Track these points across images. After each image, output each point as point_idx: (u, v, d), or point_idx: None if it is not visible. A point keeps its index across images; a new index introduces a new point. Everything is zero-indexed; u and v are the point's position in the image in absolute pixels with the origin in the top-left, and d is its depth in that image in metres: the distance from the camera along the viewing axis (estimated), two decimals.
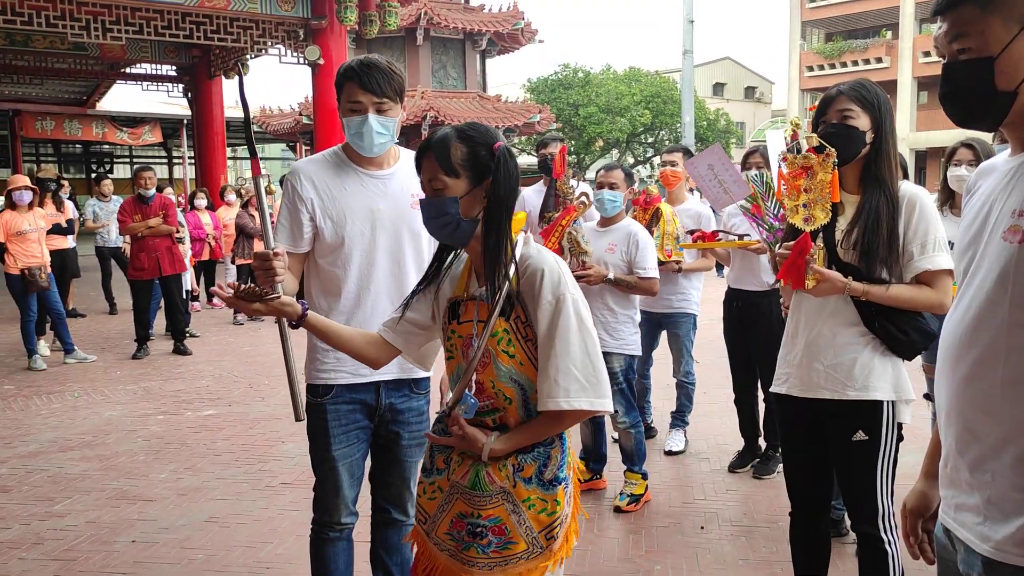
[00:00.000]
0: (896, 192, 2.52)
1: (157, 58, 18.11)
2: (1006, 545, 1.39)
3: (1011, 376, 1.39)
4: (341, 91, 2.53)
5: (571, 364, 1.84)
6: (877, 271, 2.50)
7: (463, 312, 1.98)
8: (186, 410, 6.34)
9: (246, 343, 9.20)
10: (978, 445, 1.44)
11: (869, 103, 2.52)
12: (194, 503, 4.38)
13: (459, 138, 1.91)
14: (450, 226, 1.92)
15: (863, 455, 2.58)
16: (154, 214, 8.29)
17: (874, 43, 36.54)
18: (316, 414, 2.64)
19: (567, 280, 1.90)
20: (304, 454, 5.00)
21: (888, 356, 2.58)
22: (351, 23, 13.93)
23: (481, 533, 1.90)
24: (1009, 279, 1.38)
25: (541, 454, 1.91)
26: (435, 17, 23.20)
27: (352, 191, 2.57)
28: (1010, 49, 1.39)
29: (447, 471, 1.98)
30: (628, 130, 33.64)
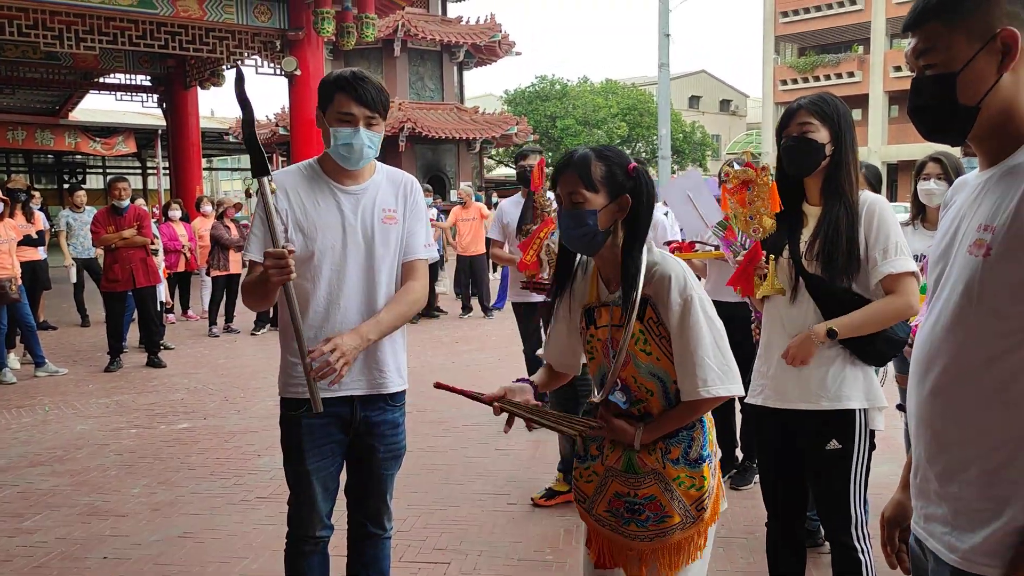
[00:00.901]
0: (855, 202, 2.56)
1: (131, 68, 18.00)
2: (973, 555, 1.41)
3: (976, 389, 1.41)
4: (330, 100, 2.51)
5: (705, 356, 2.04)
6: (839, 280, 2.54)
7: (598, 317, 2.18)
8: (160, 423, 6.26)
9: (221, 355, 9.12)
10: (946, 456, 1.47)
11: (828, 116, 2.57)
12: (167, 518, 4.32)
13: (598, 157, 2.09)
14: (587, 236, 2.09)
15: (836, 464, 2.60)
16: (128, 225, 8.21)
17: (846, 58, 37.06)
18: (291, 428, 2.62)
19: (692, 282, 2.09)
20: (279, 467, 4.96)
21: (858, 364, 2.62)
22: (328, 34, 13.94)
23: (639, 510, 2.13)
24: (974, 292, 1.41)
25: (685, 437, 2.12)
26: (412, 29, 23.23)
27: (325, 205, 2.55)
28: (972, 65, 1.41)
29: (600, 457, 2.20)
30: (605, 142, 33.82)
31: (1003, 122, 1.43)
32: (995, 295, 1.38)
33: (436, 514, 4.28)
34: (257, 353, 9.30)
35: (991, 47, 1.40)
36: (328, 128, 2.51)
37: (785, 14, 38.06)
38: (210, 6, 13.14)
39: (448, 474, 4.92)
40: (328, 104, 2.51)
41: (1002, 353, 1.38)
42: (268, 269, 2.30)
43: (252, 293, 2.53)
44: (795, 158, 2.58)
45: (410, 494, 4.44)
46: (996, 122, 1.43)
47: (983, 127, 1.44)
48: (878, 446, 2.85)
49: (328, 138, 2.52)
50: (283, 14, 13.97)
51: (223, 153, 33.77)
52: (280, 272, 2.28)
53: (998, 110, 1.42)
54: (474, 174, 25.64)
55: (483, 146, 25.94)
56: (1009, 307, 1.36)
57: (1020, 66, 1.41)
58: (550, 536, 4.01)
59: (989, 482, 1.40)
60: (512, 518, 4.25)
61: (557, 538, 3.99)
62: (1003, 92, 1.41)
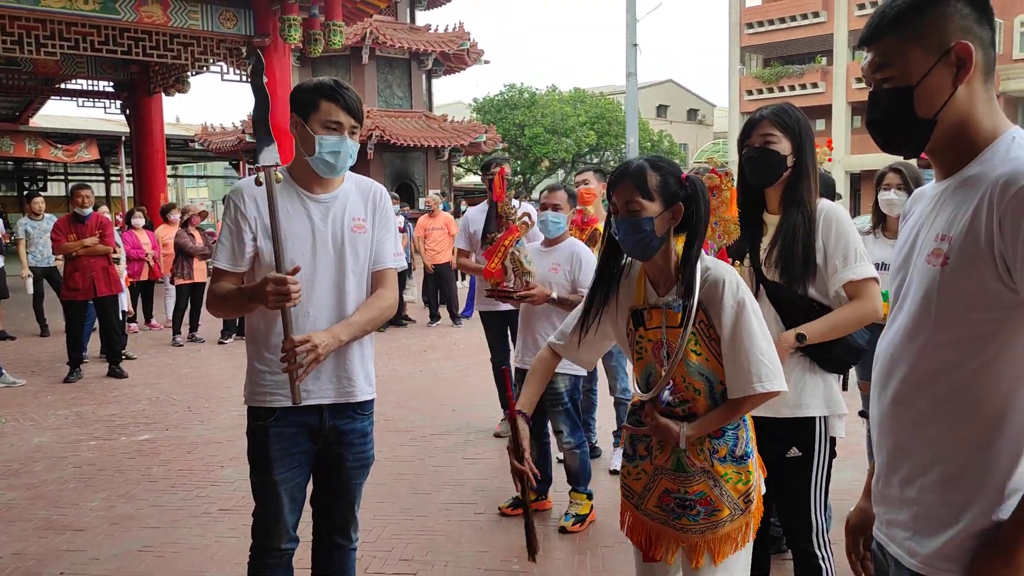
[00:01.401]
0: (813, 211, 2.60)
1: (94, 74, 17.74)
2: (932, 560, 1.44)
3: (936, 395, 1.44)
4: (314, 108, 2.49)
5: (760, 355, 2.14)
6: (797, 287, 2.57)
7: (648, 320, 2.25)
8: (120, 435, 6.15)
9: (185, 365, 8.99)
10: (907, 463, 1.49)
11: (790, 128, 2.60)
12: (127, 532, 4.24)
13: (652, 167, 2.19)
14: (644, 241, 2.18)
15: (797, 471, 2.62)
16: (90, 233, 8.07)
17: (809, 69, 37.57)
18: (258, 437, 2.58)
19: (743, 286, 2.20)
20: (244, 479, 4.89)
21: (818, 372, 2.64)
22: (295, 41, 13.84)
23: (690, 505, 2.23)
24: (932, 301, 1.44)
25: (731, 437, 2.22)
26: (381, 37, 23.16)
27: (294, 213, 2.53)
28: (928, 78, 1.44)
29: (649, 457, 2.29)
30: (574, 150, 33.96)
31: (958, 134, 1.46)
32: (952, 304, 1.41)
33: (402, 524, 4.25)
34: (223, 362, 9.18)
35: (946, 61, 1.43)
36: (312, 136, 2.48)
37: (750, 25, 38.52)
38: (174, 12, 13.00)
39: (415, 483, 4.88)
40: (312, 112, 2.49)
41: (959, 360, 1.41)
42: (269, 295, 2.30)
43: (227, 305, 2.53)
44: (758, 169, 2.62)
45: (376, 504, 4.40)
46: (951, 134, 1.46)
47: (939, 139, 1.47)
48: (840, 453, 2.88)
49: (310, 146, 2.49)
50: (249, 21, 13.86)
51: (189, 160, 33.39)
52: (279, 299, 2.29)
53: (953, 123, 1.45)
54: (443, 182, 25.61)
55: (452, 154, 25.91)
56: (965, 315, 1.39)
57: (974, 79, 1.44)
58: (517, 546, 3.99)
59: (948, 487, 1.43)
60: (479, 528, 4.23)
61: (524, 547, 3.96)
62: (958, 105, 1.44)
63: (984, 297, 1.37)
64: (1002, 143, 1.43)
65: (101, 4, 12.38)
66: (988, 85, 1.47)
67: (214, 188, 48.90)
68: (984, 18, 1.45)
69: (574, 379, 4.19)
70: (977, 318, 1.38)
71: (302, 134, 2.51)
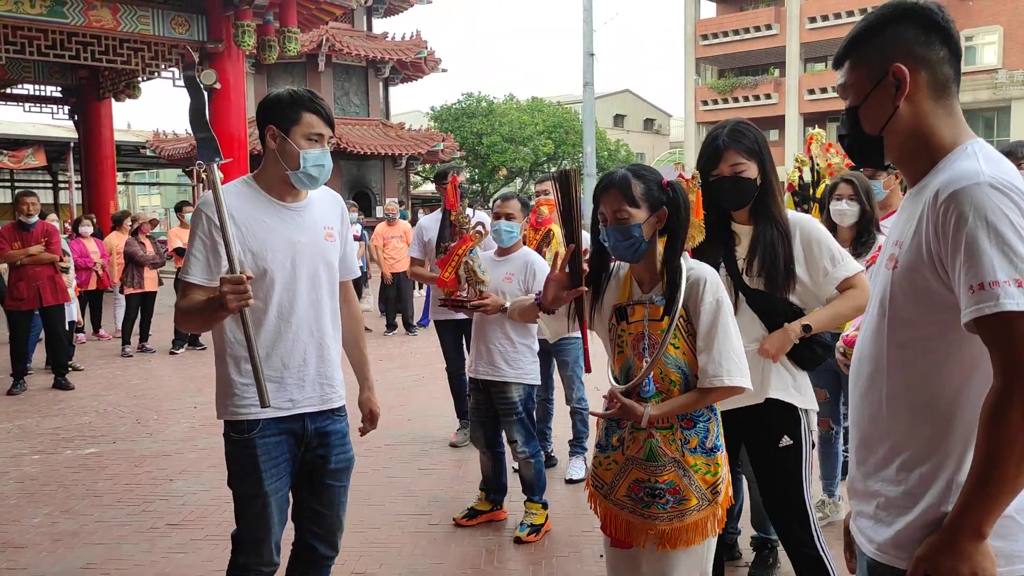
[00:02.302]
0: (786, 223, 2.73)
1: (41, 78, 17.33)
2: (886, 547, 1.54)
3: (892, 392, 1.55)
4: (295, 121, 2.46)
5: (731, 351, 2.30)
6: (780, 294, 2.71)
7: (631, 314, 2.39)
8: (65, 448, 5.98)
9: (135, 376, 8.80)
10: (872, 456, 1.59)
11: (754, 152, 2.71)
12: (70, 549, 4.12)
13: (636, 176, 2.34)
14: (634, 246, 2.33)
15: (789, 460, 2.72)
16: (35, 241, 7.87)
17: (763, 80, 38.24)
18: (244, 451, 2.52)
19: (721, 286, 2.37)
20: (193, 492, 4.82)
21: (795, 369, 2.78)
22: (249, 48, 13.70)
23: (659, 494, 2.34)
24: (886, 303, 1.54)
25: (702, 428, 2.35)
26: (337, 44, 23.04)
27: (271, 223, 2.51)
28: (869, 99, 1.57)
29: (621, 448, 2.41)
30: (531, 159, 34.08)
31: (913, 147, 1.56)
32: (903, 305, 1.51)
33: (355, 536, 4.18)
34: (174, 373, 9.01)
35: (884, 82, 1.54)
36: (296, 150, 2.45)
37: (705, 37, 39.08)
38: (124, 16, 12.77)
39: (369, 495, 4.82)
40: (293, 124, 2.46)
41: (911, 359, 1.51)
42: (226, 296, 2.23)
43: (195, 318, 2.45)
44: (732, 197, 2.73)
45: None
46: (906, 148, 1.57)
47: (896, 152, 1.59)
48: None
49: (293, 160, 2.46)
50: (202, 26, 13.67)
51: (140, 167, 32.79)
52: (239, 298, 2.23)
53: (904, 137, 1.55)
54: (400, 190, 25.50)
55: (409, 162, 25.84)
56: (915, 316, 1.50)
57: (918, 97, 1.53)
58: (472, 556, 3.97)
59: (903, 479, 1.52)
60: (433, 539, 4.19)
61: (479, 558, 3.95)
62: (903, 121, 1.54)
63: (930, 299, 1.47)
64: (955, 154, 1.51)
65: (48, 8, 12.12)
66: (943, 100, 1.54)
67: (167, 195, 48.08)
68: (934, 38, 1.53)
69: (528, 388, 4.19)
70: (926, 319, 1.48)
71: (283, 147, 2.47)
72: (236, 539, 2.62)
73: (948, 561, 1.41)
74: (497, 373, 4.13)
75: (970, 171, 1.42)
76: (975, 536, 1.40)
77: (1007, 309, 1.33)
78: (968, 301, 1.38)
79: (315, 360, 2.57)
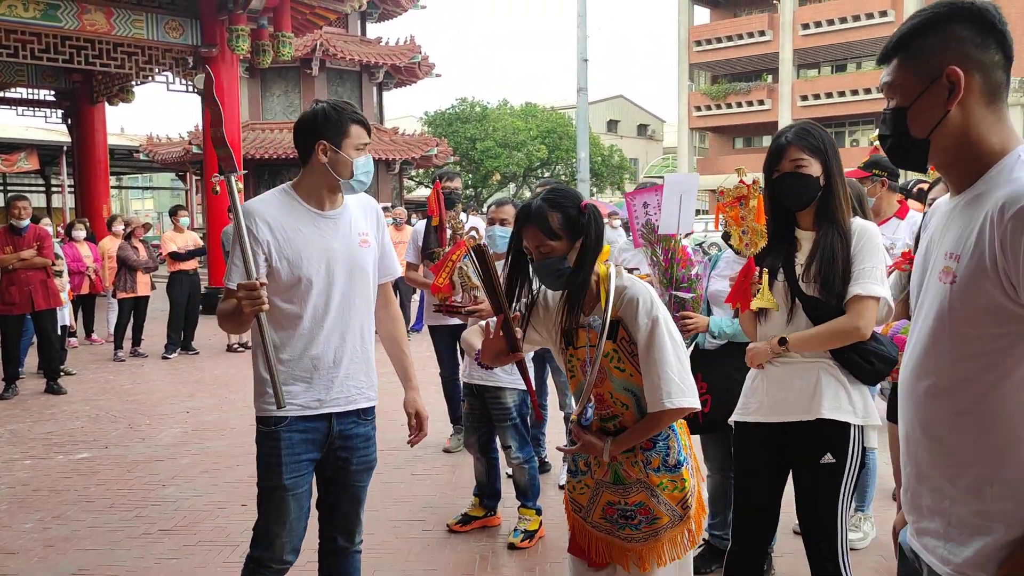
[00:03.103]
0: (848, 229, 2.63)
1: (34, 82, 17.28)
2: (965, 568, 1.47)
3: (955, 408, 1.49)
4: (345, 133, 2.58)
5: (669, 371, 2.23)
6: (837, 303, 2.59)
7: (576, 339, 2.37)
8: (57, 453, 5.96)
9: (127, 381, 8.76)
10: (935, 473, 1.53)
11: (818, 149, 2.63)
12: (62, 554, 4.10)
13: (552, 207, 2.28)
14: (563, 277, 2.29)
15: (829, 478, 2.63)
16: (27, 246, 7.84)
17: (756, 86, 38.36)
18: (268, 442, 2.63)
19: (658, 304, 2.30)
20: (186, 498, 4.80)
21: (854, 382, 2.67)
22: (243, 52, 13.68)
23: (631, 516, 2.36)
24: (945, 317, 1.48)
25: (662, 448, 2.34)
26: (331, 48, 23.02)
27: (307, 231, 2.61)
28: (920, 101, 1.51)
29: (589, 472, 2.43)
30: (525, 164, 34.11)
31: (961, 153, 1.51)
32: (963, 320, 1.46)
33: None
34: (166, 378, 8.98)
35: (938, 84, 1.49)
36: (348, 160, 2.58)
37: (699, 43, 39.21)
38: (119, 20, 12.75)
39: None
40: (343, 137, 2.58)
41: (975, 373, 1.45)
42: (241, 300, 2.36)
43: (229, 320, 2.59)
44: (792, 193, 2.64)
45: None
46: (954, 153, 1.52)
47: (942, 157, 1.54)
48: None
49: (346, 169, 2.58)
50: (196, 30, 13.65)
51: (134, 171, 32.71)
52: (253, 303, 2.35)
53: (952, 142, 1.50)
54: (394, 195, 25.49)
55: (403, 167, 25.83)
56: (977, 330, 1.44)
57: (970, 101, 1.48)
58: (465, 563, 3.96)
59: (975, 497, 1.47)
60: (427, 545, 4.18)
61: (472, 564, 3.95)
62: (953, 126, 1.49)
63: (993, 313, 1.41)
64: (1008, 161, 1.47)
65: (42, 11, 12.10)
66: (994, 106, 1.50)
67: (160, 199, 47.98)
68: (990, 41, 1.48)
69: (522, 394, 4.18)
70: (988, 333, 1.42)
71: (335, 160, 2.58)
72: (255, 531, 2.70)
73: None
74: (491, 378, 4.13)
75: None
76: None
77: None
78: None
79: (346, 362, 2.66)
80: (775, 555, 3.71)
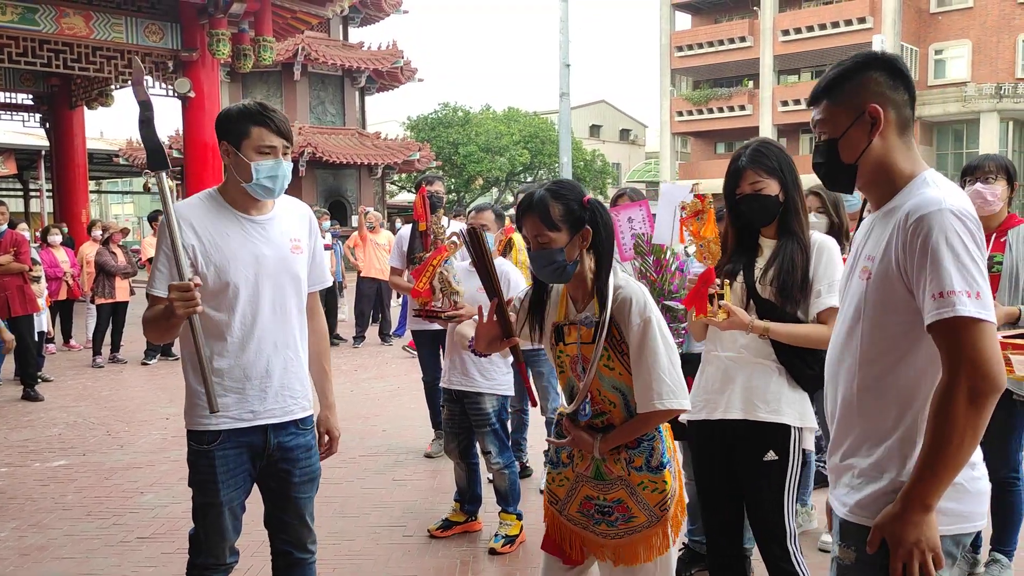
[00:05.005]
0: (808, 241, 2.78)
1: (12, 86, 17.09)
2: (855, 508, 1.82)
3: (866, 382, 1.82)
4: (245, 135, 2.47)
5: (661, 372, 2.25)
6: (791, 309, 2.72)
7: (567, 335, 2.39)
8: (34, 461, 5.90)
9: (105, 387, 8.68)
10: (848, 437, 1.87)
11: (775, 170, 2.74)
12: (38, 563, 4.05)
13: (554, 197, 2.29)
14: (558, 270, 2.31)
15: (773, 475, 2.73)
16: (3, 251, 7.77)
17: (737, 91, 38.59)
18: (203, 461, 2.56)
19: (651, 304, 2.32)
20: (164, 505, 4.76)
21: (795, 387, 2.78)
22: (224, 57, 13.62)
23: (608, 512, 2.38)
24: (860, 308, 1.82)
25: (646, 448, 2.36)
26: (313, 53, 22.98)
27: (234, 236, 2.52)
28: (848, 133, 1.84)
29: (571, 464, 2.45)
30: (507, 169, 34.12)
31: (880, 175, 1.84)
32: (874, 310, 1.79)
33: (329, 548, 4.15)
34: (145, 384, 8.91)
35: (861, 119, 1.82)
36: (247, 163, 2.46)
37: (680, 48, 39.39)
38: (97, 24, 12.66)
39: (343, 506, 4.80)
40: (243, 138, 2.48)
41: (880, 354, 1.79)
42: (173, 302, 2.26)
43: (155, 326, 2.47)
44: (752, 213, 2.77)
45: None
46: (874, 175, 1.84)
47: (865, 179, 1.86)
48: None
49: (246, 173, 2.47)
50: (176, 34, 13.58)
51: (113, 176, 32.44)
52: (186, 305, 2.25)
53: (873, 167, 1.83)
54: (376, 199, 25.44)
55: (385, 171, 25.79)
56: (884, 318, 1.78)
57: (887, 133, 1.82)
58: (446, 568, 3.95)
59: (873, 453, 1.80)
60: (408, 551, 4.17)
61: (453, 569, 3.94)
62: (875, 153, 1.82)
63: (897, 303, 1.75)
64: (916, 182, 1.80)
65: (20, 15, 11.99)
66: (905, 136, 1.84)
67: (140, 204, 47.62)
68: (899, 83, 1.82)
69: (501, 399, 4.19)
70: (892, 320, 1.76)
71: (235, 161, 2.49)
72: (193, 540, 2.66)
73: (899, 529, 1.69)
74: (470, 384, 4.13)
75: (935, 199, 1.70)
76: (923, 508, 1.68)
77: (961, 314, 1.62)
78: (931, 306, 1.66)
79: (279, 372, 2.58)
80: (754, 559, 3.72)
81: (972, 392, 1.62)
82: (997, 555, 3.65)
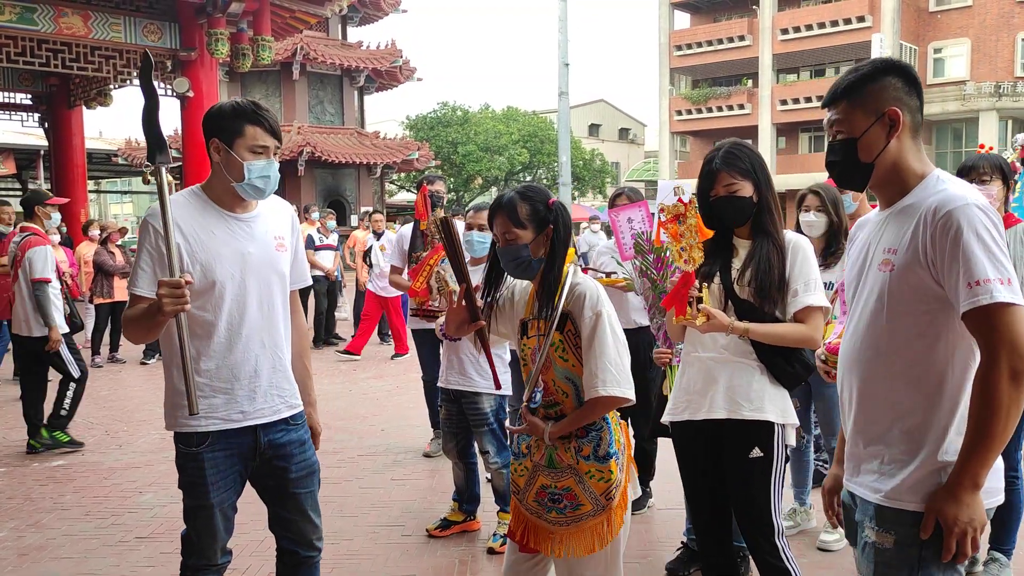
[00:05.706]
0: (782, 241, 2.80)
1: (10, 86, 17.05)
2: (893, 493, 1.87)
3: (892, 371, 1.89)
4: (239, 134, 2.46)
5: (607, 362, 2.40)
6: (769, 308, 2.75)
7: (530, 329, 2.55)
8: (32, 461, 5.90)
9: (104, 387, 8.69)
10: (875, 426, 1.93)
11: (747, 171, 2.77)
12: (36, 563, 4.06)
13: (522, 199, 2.50)
14: (523, 265, 2.49)
15: (759, 472, 2.76)
16: (3, 252, 7.76)
17: (736, 90, 38.55)
18: (193, 464, 2.53)
19: (604, 299, 2.48)
20: (163, 504, 4.76)
21: (776, 385, 2.81)
22: (223, 56, 13.60)
23: (558, 499, 2.49)
24: (884, 298, 1.89)
25: (594, 437, 2.48)
26: (312, 52, 22.97)
27: (220, 234, 2.50)
28: (867, 133, 1.93)
29: (530, 454, 2.57)
30: (507, 168, 34.10)
31: (893, 175, 1.94)
32: (899, 299, 1.87)
33: (328, 548, 4.10)
34: (144, 384, 8.91)
35: (881, 121, 1.92)
36: (240, 162, 2.45)
37: (679, 48, 39.36)
38: (96, 23, 12.65)
39: (342, 506, 4.80)
40: (236, 137, 2.46)
41: (907, 342, 1.87)
42: (162, 299, 2.21)
43: (138, 325, 2.42)
44: (727, 215, 2.80)
45: None
46: (888, 175, 1.94)
47: (879, 178, 1.95)
48: None
49: (237, 172, 2.46)
50: (174, 34, 13.56)
51: (112, 176, 32.43)
52: (175, 302, 2.22)
53: (888, 166, 1.93)
54: (375, 199, 25.44)
55: (384, 171, 25.79)
56: (909, 307, 1.86)
57: (903, 135, 1.92)
58: (444, 568, 3.96)
59: (906, 438, 1.87)
60: (406, 550, 4.17)
61: (452, 569, 3.94)
62: (891, 153, 1.93)
63: (922, 293, 1.83)
64: (929, 180, 1.91)
65: (18, 14, 11.97)
66: (916, 139, 1.94)
67: (139, 204, 47.63)
68: (913, 90, 1.94)
69: (499, 399, 4.19)
70: (918, 309, 1.84)
71: (227, 160, 2.47)
72: (185, 540, 2.64)
73: (952, 509, 1.77)
74: (468, 384, 4.13)
75: (959, 195, 1.81)
76: (973, 487, 1.77)
77: (997, 300, 1.71)
78: (966, 295, 1.75)
79: (267, 371, 2.57)
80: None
81: (1013, 372, 1.72)
82: (996, 554, 3.65)
